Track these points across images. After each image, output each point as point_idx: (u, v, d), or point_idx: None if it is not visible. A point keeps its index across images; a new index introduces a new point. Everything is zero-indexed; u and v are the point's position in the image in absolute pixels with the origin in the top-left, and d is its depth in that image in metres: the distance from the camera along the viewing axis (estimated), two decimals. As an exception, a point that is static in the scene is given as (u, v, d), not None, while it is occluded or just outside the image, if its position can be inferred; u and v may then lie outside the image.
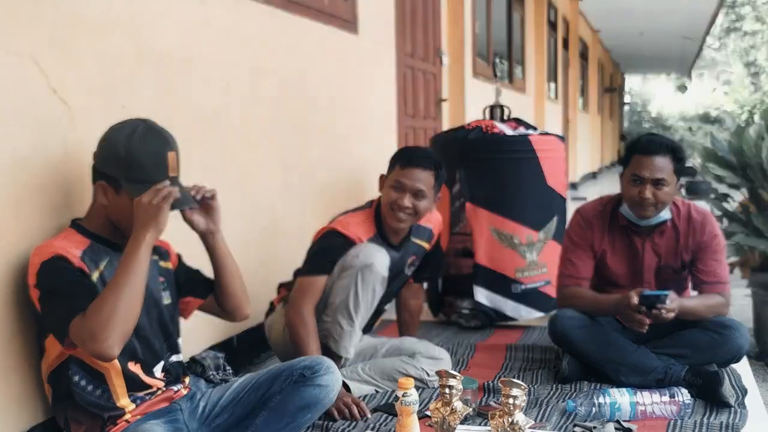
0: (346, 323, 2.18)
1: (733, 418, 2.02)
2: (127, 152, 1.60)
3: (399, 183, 2.28)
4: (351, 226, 2.29)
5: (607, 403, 2.03)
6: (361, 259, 2.16)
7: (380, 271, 2.18)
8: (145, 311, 1.71)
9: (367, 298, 2.18)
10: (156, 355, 1.74)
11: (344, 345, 2.20)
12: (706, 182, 3.87)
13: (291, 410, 1.79)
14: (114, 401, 1.64)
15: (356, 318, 2.18)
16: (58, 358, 1.61)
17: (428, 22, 4.73)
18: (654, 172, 2.25)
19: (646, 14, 11.55)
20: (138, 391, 1.69)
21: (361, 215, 2.37)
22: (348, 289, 2.16)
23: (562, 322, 2.37)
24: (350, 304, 2.17)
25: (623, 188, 2.36)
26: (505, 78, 7.29)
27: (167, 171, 1.64)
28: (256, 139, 2.70)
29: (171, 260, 1.87)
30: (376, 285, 2.19)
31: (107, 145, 1.63)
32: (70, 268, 1.55)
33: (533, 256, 3.12)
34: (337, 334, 2.18)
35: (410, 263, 2.48)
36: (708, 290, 2.35)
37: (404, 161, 2.31)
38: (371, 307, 2.22)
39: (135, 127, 1.64)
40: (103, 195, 1.63)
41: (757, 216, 3.16)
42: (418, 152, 2.41)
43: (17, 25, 1.65)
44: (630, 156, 2.33)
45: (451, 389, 1.71)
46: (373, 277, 2.17)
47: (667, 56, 17.93)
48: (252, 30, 2.68)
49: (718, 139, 3.43)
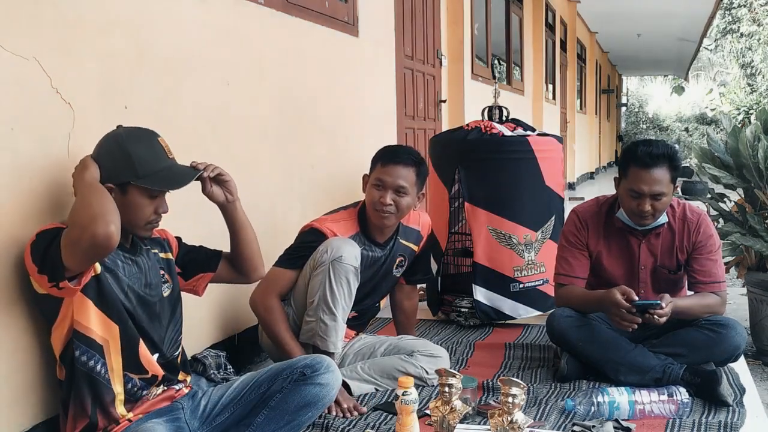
0: (328, 318, 2.18)
1: (731, 417, 2.03)
2: (126, 152, 1.65)
3: (380, 181, 2.30)
4: (330, 224, 2.32)
5: (606, 402, 2.03)
6: (330, 254, 2.18)
7: (350, 262, 2.18)
8: (144, 305, 1.72)
9: (342, 290, 2.18)
10: (155, 345, 1.75)
11: (331, 340, 2.19)
12: (702, 182, 3.89)
13: (291, 409, 1.81)
14: (110, 379, 1.64)
15: (337, 311, 2.18)
16: (66, 336, 1.62)
17: (428, 24, 4.74)
18: (653, 187, 2.23)
19: (643, 16, 11.58)
20: (134, 372, 1.69)
21: (344, 214, 2.40)
22: (323, 284, 2.18)
23: (559, 321, 2.38)
24: (328, 299, 2.17)
25: (621, 199, 2.35)
26: (503, 79, 7.31)
27: (166, 155, 1.71)
28: (256, 139, 2.71)
29: (172, 250, 1.89)
30: (349, 276, 2.19)
31: (104, 155, 1.67)
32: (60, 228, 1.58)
33: (531, 255, 3.13)
34: (322, 330, 2.19)
35: (398, 264, 2.49)
36: (704, 290, 2.36)
37: (385, 159, 2.33)
38: (350, 298, 2.22)
39: (116, 134, 1.70)
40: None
41: (753, 216, 3.18)
42: (398, 150, 2.42)
43: (19, 25, 1.66)
44: (627, 166, 2.29)
45: (451, 388, 1.72)
46: (344, 269, 2.17)
47: (664, 58, 17.98)
48: (252, 31, 2.69)
49: (715, 139, 3.46)
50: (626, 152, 2.33)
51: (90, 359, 1.63)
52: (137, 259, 1.74)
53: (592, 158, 14.96)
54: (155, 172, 1.66)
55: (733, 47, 22.09)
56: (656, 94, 28.84)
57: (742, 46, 21.13)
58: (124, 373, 1.67)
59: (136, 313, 1.69)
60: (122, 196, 1.65)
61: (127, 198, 1.65)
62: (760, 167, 3.16)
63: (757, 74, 20.40)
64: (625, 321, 2.17)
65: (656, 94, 28.84)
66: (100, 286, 1.63)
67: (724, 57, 24.24)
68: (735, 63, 22.36)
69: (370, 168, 2.39)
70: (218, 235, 2.50)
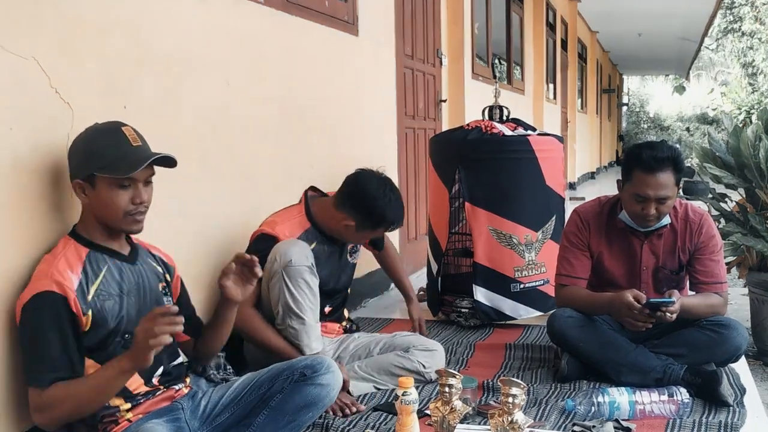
0: (296, 323, 2.17)
1: (731, 417, 2.03)
2: (87, 144, 1.65)
3: (374, 235, 2.37)
4: (279, 225, 2.30)
5: (606, 402, 2.03)
6: (280, 261, 2.16)
7: (301, 263, 2.17)
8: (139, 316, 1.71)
9: (303, 292, 2.17)
10: (155, 361, 1.74)
11: (305, 343, 2.18)
12: (703, 182, 3.88)
13: (291, 409, 1.80)
14: (109, 402, 1.64)
15: (304, 314, 2.17)
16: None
17: (428, 23, 4.74)
18: (658, 191, 2.21)
19: (644, 16, 11.57)
20: (134, 396, 1.69)
21: (291, 211, 2.39)
22: (282, 292, 2.16)
23: (560, 321, 2.38)
24: (291, 305, 2.16)
25: (625, 202, 2.33)
26: (504, 79, 7.30)
27: (129, 142, 1.65)
28: (256, 139, 2.71)
29: (173, 280, 1.89)
30: (305, 276, 2.17)
31: (72, 151, 1.69)
32: (54, 313, 1.55)
33: (532, 255, 3.13)
34: (293, 336, 2.17)
35: (351, 250, 2.49)
36: (706, 290, 2.36)
37: (387, 226, 2.37)
38: (314, 297, 2.20)
39: (85, 131, 1.69)
40: (82, 193, 1.65)
41: (755, 216, 3.17)
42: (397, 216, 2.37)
43: (19, 25, 1.65)
44: (631, 170, 2.27)
45: (451, 388, 1.72)
46: (297, 272, 2.16)
47: (665, 57, 17.96)
48: (252, 31, 2.68)
49: (716, 139, 3.45)
50: (630, 156, 2.30)
51: None
52: (134, 268, 1.74)
53: (592, 158, 14.95)
54: (118, 159, 1.62)
55: (735, 47, 22.07)
56: (657, 93, 28.83)
57: (744, 45, 21.11)
58: (124, 396, 1.67)
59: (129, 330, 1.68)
60: (93, 191, 1.64)
61: (97, 191, 1.64)
62: (761, 167, 3.15)
63: (758, 74, 20.38)
64: (640, 322, 2.17)
65: (657, 94, 28.83)
66: (96, 334, 1.62)
67: (725, 56, 24.22)
68: (736, 62, 22.34)
69: (354, 210, 2.31)
70: (218, 237, 2.50)
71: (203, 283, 2.39)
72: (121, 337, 1.66)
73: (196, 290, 2.34)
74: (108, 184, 1.63)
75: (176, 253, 1.97)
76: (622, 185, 2.34)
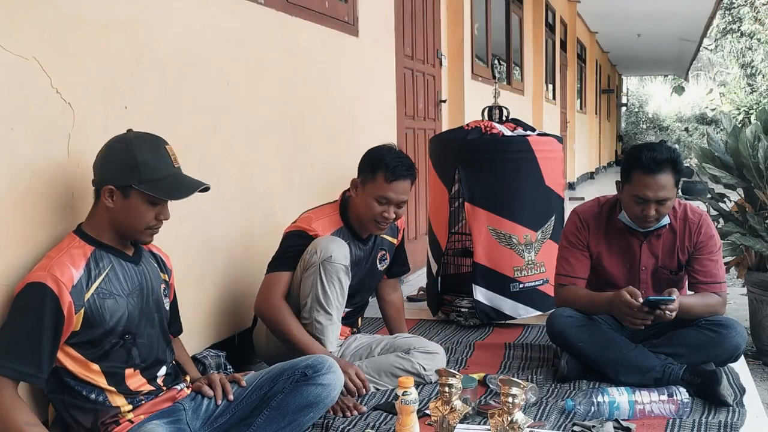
0: (323, 318, 2.19)
1: (731, 417, 2.03)
2: (130, 156, 1.63)
3: (385, 198, 2.29)
4: (314, 222, 2.32)
5: (606, 402, 2.03)
6: (320, 255, 2.19)
7: (341, 261, 2.20)
8: (147, 317, 1.72)
9: (335, 290, 2.19)
10: (158, 360, 1.75)
11: (328, 340, 2.20)
12: (702, 182, 3.88)
13: (293, 409, 1.81)
14: (110, 402, 1.65)
15: (332, 311, 2.20)
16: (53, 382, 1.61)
17: (428, 24, 4.74)
18: (658, 192, 2.22)
19: (643, 16, 11.57)
20: (135, 394, 1.69)
21: (326, 209, 2.41)
22: (315, 285, 2.19)
23: (559, 321, 2.38)
24: (321, 299, 2.19)
25: (624, 203, 2.33)
26: (503, 79, 7.30)
27: (173, 163, 1.69)
28: (256, 139, 2.71)
29: (171, 280, 1.89)
30: (340, 275, 2.20)
31: (110, 157, 1.66)
32: (40, 306, 1.53)
33: (531, 255, 3.13)
34: (318, 330, 2.20)
35: (381, 257, 2.50)
36: (705, 290, 2.36)
37: (389, 175, 2.28)
38: (343, 297, 2.23)
39: (125, 137, 1.68)
40: (110, 199, 1.64)
41: (753, 216, 3.18)
42: (400, 163, 2.30)
43: (20, 26, 1.66)
44: (631, 172, 2.27)
45: (451, 388, 1.72)
46: (334, 269, 2.18)
47: (664, 58, 17.97)
48: (252, 31, 2.69)
49: (715, 139, 3.45)
50: (629, 157, 2.30)
51: (83, 389, 1.63)
52: (138, 268, 1.74)
53: (592, 158, 14.96)
54: (159, 178, 1.64)
55: (733, 47, 22.08)
56: (656, 94, 28.82)
57: (742, 45, 21.12)
58: (126, 396, 1.68)
59: (136, 330, 1.69)
60: (124, 200, 1.64)
61: (128, 201, 1.64)
62: (760, 167, 3.16)
63: (757, 74, 20.39)
64: (638, 320, 2.18)
65: (656, 94, 28.82)
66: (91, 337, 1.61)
67: (724, 57, 24.22)
68: (735, 63, 22.35)
69: (361, 173, 2.35)
70: (219, 238, 2.50)
71: (203, 283, 2.39)
72: (120, 338, 1.66)
73: (196, 290, 2.35)
74: (143, 199, 1.64)
75: (176, 253, 1.97)
76: (622, 186, 2.34)
